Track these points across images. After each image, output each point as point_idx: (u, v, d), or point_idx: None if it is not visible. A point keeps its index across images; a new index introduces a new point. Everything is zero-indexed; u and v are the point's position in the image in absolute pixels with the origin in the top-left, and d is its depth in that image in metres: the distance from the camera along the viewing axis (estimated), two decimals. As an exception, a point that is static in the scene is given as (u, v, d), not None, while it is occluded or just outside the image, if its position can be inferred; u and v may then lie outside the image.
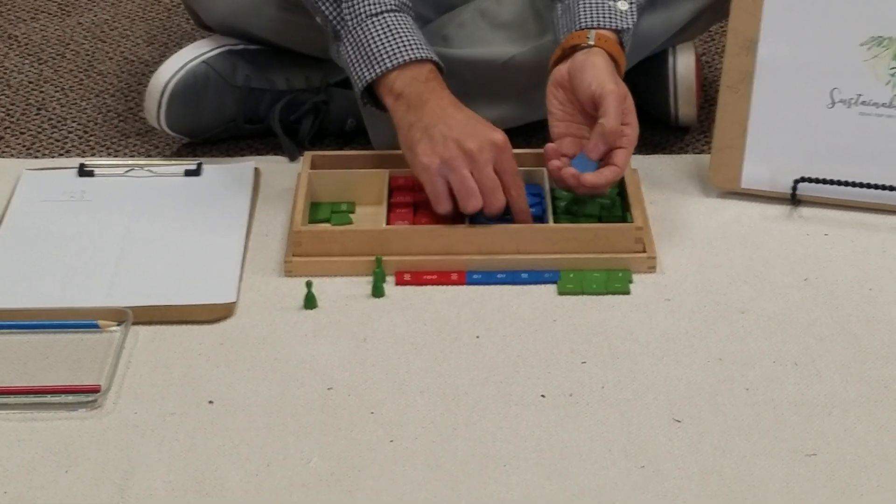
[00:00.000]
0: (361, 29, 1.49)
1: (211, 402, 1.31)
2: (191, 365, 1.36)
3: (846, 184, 1.57)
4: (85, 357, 1.37)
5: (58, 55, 2.01)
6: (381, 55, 1.48)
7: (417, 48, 1.49)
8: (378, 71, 1.48)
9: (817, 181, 1.57)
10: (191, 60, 1.68)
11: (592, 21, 1.51)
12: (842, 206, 1.59)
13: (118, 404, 1.31)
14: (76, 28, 2.09)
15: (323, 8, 1.51)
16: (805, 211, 1.59)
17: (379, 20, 1.49)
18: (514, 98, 1.69)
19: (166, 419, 1.29)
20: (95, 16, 2.13)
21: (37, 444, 1.26)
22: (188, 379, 1.34)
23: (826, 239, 1.55)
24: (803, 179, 1.58)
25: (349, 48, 1.50)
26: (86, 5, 2.16)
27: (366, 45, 1.48)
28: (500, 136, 1.46)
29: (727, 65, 1.58)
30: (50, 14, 2.13)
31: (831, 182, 1.57)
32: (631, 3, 1.52)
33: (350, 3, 1.50)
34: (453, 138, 1.44)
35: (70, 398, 1.31)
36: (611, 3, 1.51)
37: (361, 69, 1.49)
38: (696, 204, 1.61)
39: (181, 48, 1.72)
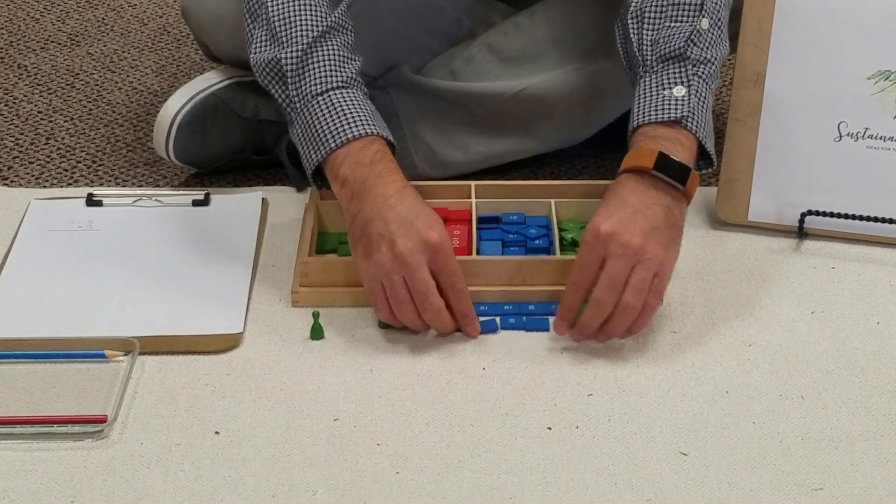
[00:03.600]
0: (307, 110, 1.44)
1: (217, 432, 1.31)
2: (197, 395, 1.36)
3: (853, 217, 1.57)
4: (91, 387, 1.37)
5: (67, 85, 2.01)
6: (325, 136, 1.42)
7: (362, 124, 1.43)
8: (323, 152, 1.42)
9: (824, 214, 1.58)
10: (200, 91, 1.69)
11: (642, 117, 1.44)
12: (849, 240, 1.59)
13: (124, 434, 1.31)
14: (85, 58, 2.10)
15: (273, 91, 1.47)
16: (812, 244, 1.59)
17: (324, 99, 1.44)
18: (522, 130, 1.69)
19: (172, 450, 1.29)
20: (105, 46, 2.14)
21: (42, 475, 1.26)
22: (194, 409, 1.34)
23: (833, 272, 1.55)
24: (810, 212, 1.58)
25: (298, 130, 1.45)
26: (95, 35, 2.17)
27: (311, 126, 1.43)
28: (434, 236, 1.37)
29: (735, 98, 1.59)
30: (59, 44, 2.14)
31: (838, 215, 1.57)
32: (689, 86, 1.44)
33: (297, 84, 1.45)
34: (387, 239, 1.36)
35: (76, 428, 1.31)
36: (666, 91, 1.44)
37: (309, 152, 1.44)
38: (703, 236, 1.61)
39: (190, 79, 1.72)
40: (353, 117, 1.43)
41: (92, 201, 1.67)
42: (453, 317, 1.42)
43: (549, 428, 1.32)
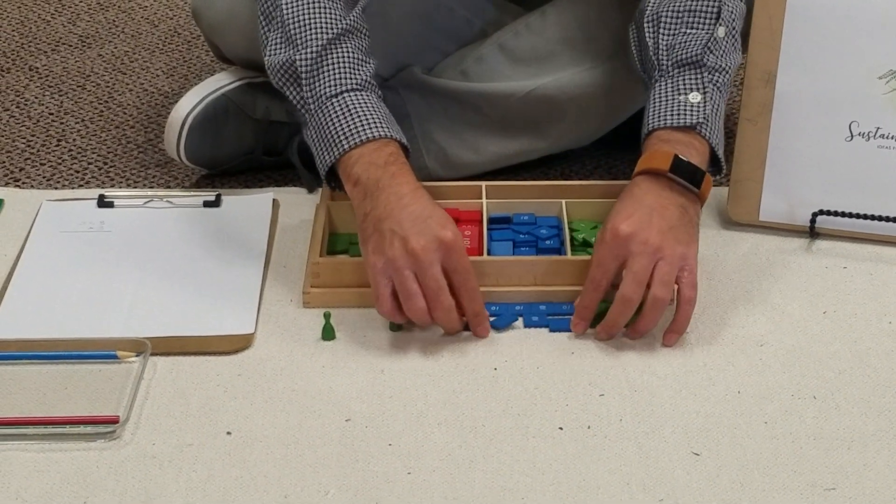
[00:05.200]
0: (322, 111, 1.44)
1: (229, 433, 1.31)
2: (209, 396, 1.36)
3: (865, 217, 1.57)
4: (103, 388, 1.37)
5: (78, 87, 2.02)
6: (338, 137, 1.43)
7: (376, 127, 1.43)
8: (336, 153, 1.43)
9: (836, 214, 1.57)
10: (211, 93, 1.69)
11: (658, 121, 1.45)
12: (860, 240, 1.58)
13: (136, 435, 1.31)
14: (96, 60, 2.10)
15: (287, 92, 1.48)
16: (823, 244, 1.59)
17: (338, 101, 1.44)
18: (533, 131, 1.69)
19: (184, 450, 1.29)
20: (116, 48, 2.14)
21: (55, 475, 1.26)
22: (206, 410, 1.34)
23: (844, 272, 1.54)
24: (822, 212, 1.57)
25: (312, 132, 1.46)
26: (106, 38, 2.17)
27: (325, 127, 1.44)
28: (448, 234, 1.37)
29: (746, 98, 1.59)
30: (70, 46, 2.15)
31: (850, 215, 1.57)
32: (705, 92, 1.45)
33: (311, 86, 1.45)
34: (400, 236, 1.37)
35: (88, 429, 1.31)
36: (682, 96, 1.46)
37: (322, 153, 1.45)
38: (715, 236, 1.61)
39: (201, 80, 1.73)
40: (367, 119, 1.43)
41: (103, 202, 1.67)
42: (462, 315, 1.42)
43: (561, 428, 1.31)
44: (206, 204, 1.67)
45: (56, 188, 1.75)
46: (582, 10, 1.68)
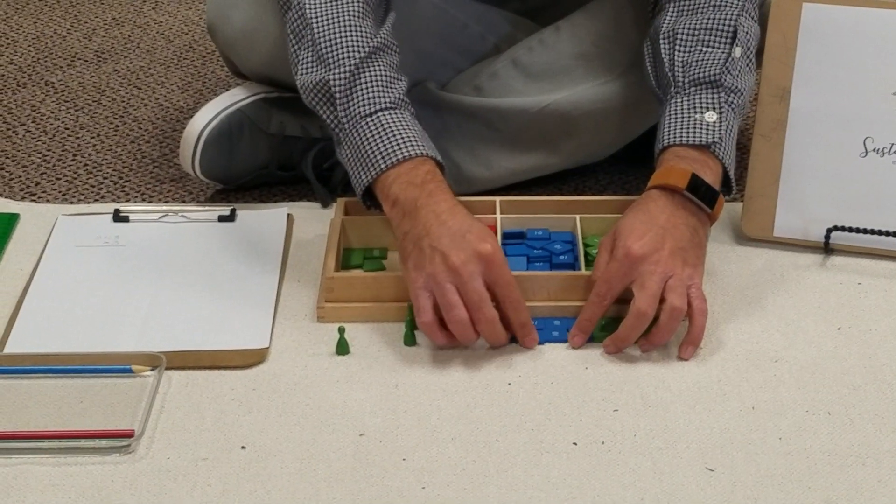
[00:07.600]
0: (357, 131, 1.45)
1: (243, 447, 1.32)
2: (223, 410, 1.36)
3: (879, 233, 1.57)
4: (118, 402, 1.38)
5: (94, 102, 2.03)
6: (375, 156, 1.43)
7: (412, 145, 1.44)
8: (373, 173, 1.43)
9: (850, 230, 1.57)
10: (226, 108, 1.69)
11: (673, 137, 1.46)
12: (875, 256, 1.58)
13: (151, 449, 1.31)
14: (112, 75, 2.11)
15: (321, 112, 1.48)
16: (838, 260, 1.59)
17: (373, 120, 1.45)
18: (547, 147, 1.69)
19: (199, 464, 1.29)
20: (131, 63, 2.15)
21: (70, 489, 1.26)
22: (221, 424, 1.34)
23: (859, 288, 1.54)
24: (836, 228, 1.57)
25: (347, 151, 1.46)
26: (122, 53, 2.18)
27: (361, 147, 1.44)
28: (487, 247, 1.38)
29: (760, 113, 1.59)
30: (86, 61, 2.15)
31: (864, 231, 1.57)
32: (720, 112, 1.46)
33: (345, 106, 1.45)
34: (440, 252, 1.37)
35: (103, 443, 1.31)
36: (698, 115, 1.46)
37: (359, 173, 1.45)
38: (729, 252, 1.61)
39: (216, 95, 1.73)
40: (402, 138, 1.44)
41: (119, 217, 1.68)
42: (507, 328, 1.42)
43: (575, 443, 1.31)
44: (221, 218, 1.67)
45: (72, 202, 1.76)
46: (596, 26, 1.68)
